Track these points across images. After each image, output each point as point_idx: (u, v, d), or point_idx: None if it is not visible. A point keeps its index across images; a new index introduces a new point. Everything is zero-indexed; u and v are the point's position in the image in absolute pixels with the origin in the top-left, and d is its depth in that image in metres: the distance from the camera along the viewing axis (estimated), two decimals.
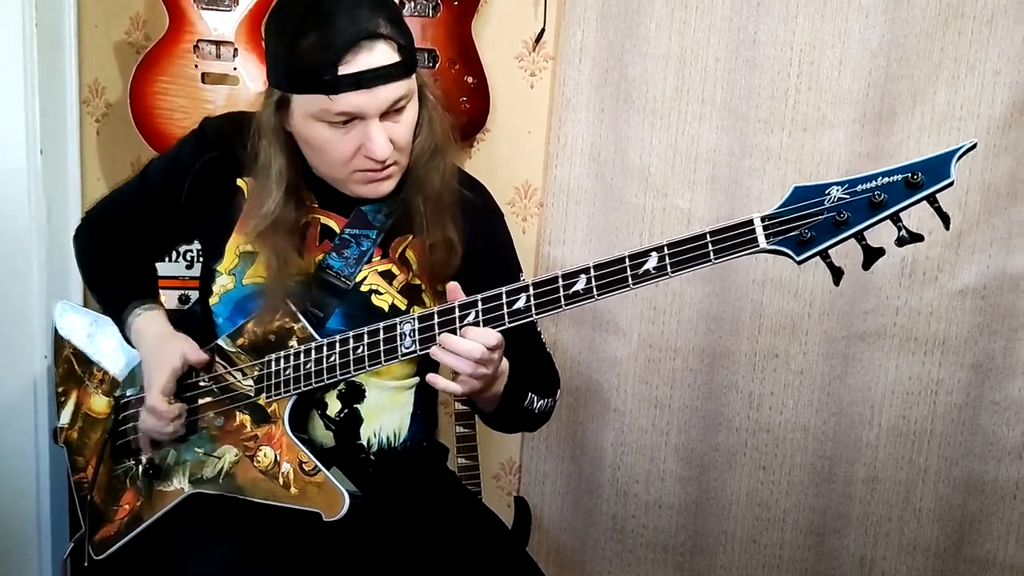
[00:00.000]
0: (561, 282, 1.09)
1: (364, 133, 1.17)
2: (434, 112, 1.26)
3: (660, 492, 2.18)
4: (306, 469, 1.23)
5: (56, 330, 1.51)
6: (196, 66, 1.88)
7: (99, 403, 1.42)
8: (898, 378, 2.09)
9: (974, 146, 0.99)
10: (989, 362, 2.06)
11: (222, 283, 1.31)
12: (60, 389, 1.48)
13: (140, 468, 1.33)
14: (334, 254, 1.28)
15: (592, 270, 1.09)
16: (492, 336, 1.11)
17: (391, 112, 1.18)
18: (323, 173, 1.26)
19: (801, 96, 2.00)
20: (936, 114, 1.98)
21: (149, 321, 1.36)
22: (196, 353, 1.30)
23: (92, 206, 1.51)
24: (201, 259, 1.41)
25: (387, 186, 1.24)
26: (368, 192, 1.25)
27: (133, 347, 1.37)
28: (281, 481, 1.24)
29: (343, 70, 1.12)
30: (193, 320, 1.41)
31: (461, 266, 1.27)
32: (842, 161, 2.00)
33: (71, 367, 1.46)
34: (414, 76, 1.21)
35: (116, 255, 1.43)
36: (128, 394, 1.40)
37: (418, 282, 1.30)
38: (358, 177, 1.22)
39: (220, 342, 1.31)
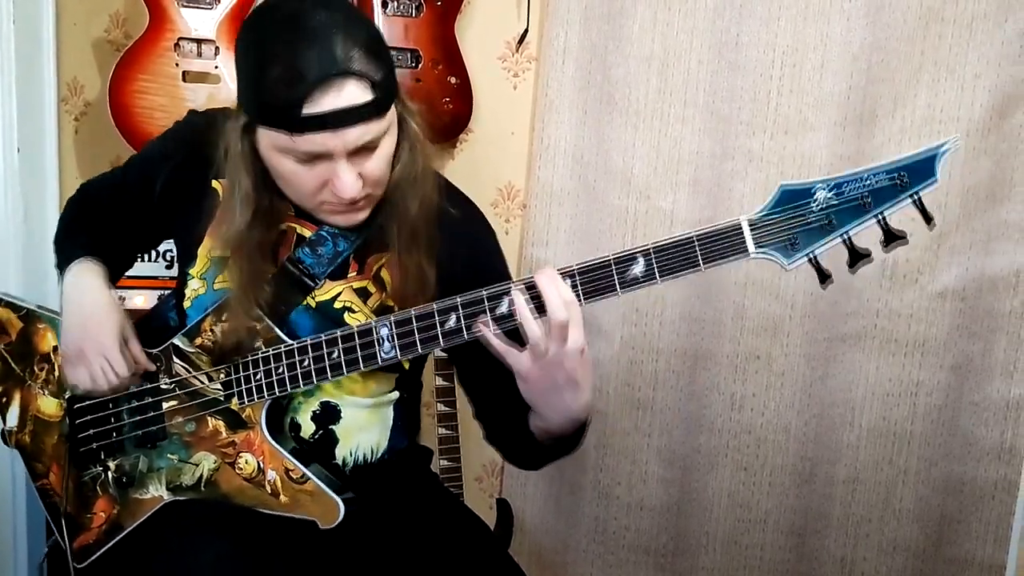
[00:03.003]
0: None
1: (331, 170, 1.10)
2: (416, 141, 1.18)
3: (642, 494, 2.18)
4: (294, 477, 1.20)
5: None
6: (177, 64, 1.87)
7: (49, 405, 1.34)
8: (878, 380, 2.10)
9: (958, 145, 1.01)
10: (968, 363, 2.08)
11: (194, 287, 1.27)
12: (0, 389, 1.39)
13: (110, 475, 1.30)
14: (307, 249, 1.23)
15: (577, 275, 1.06)
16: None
17: (362, 149, 1.10)
18: (292, 199, 1.21)
19: (783, 99, 2.01)
20: (916, 117, 1.99)
21: (90, 272, 1.29)
22: (136, 346, 1.27)
23: (93, 177, 1.45)
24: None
25: (358, 217, 1.19)
26: (339, 221, 1.20)
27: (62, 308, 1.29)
28: (269, 489, 1.21)
29: (308, 110, 1.04)
30: (158, 321, 1.36)
31: (437, 293, 1.20)
32: (824, 163, 2.01)
33: (7, 364, 1.38)
34: (392, 108, 1.13)
35: (93, 226, 1.38)
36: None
37: (392, 303, 1.25)
38: (327, 208, 1.17)
39: (176, 341, 1.26)
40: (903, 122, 2.00)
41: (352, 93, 1.06)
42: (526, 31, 2.09)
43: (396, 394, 1.33)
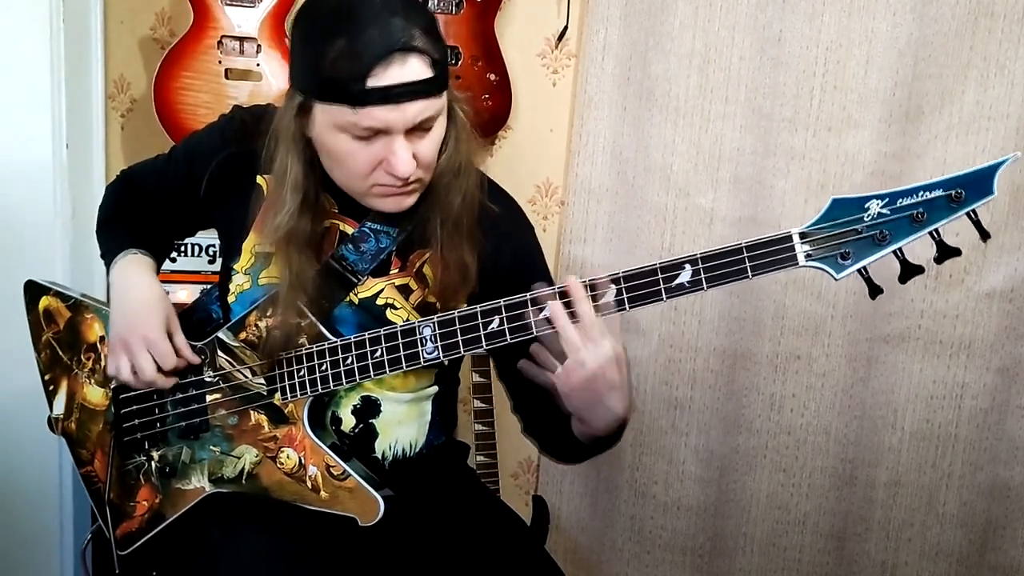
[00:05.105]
0: (590, 292, 1.07)
1: (388, 148, 1.12)
2: (463, 130, 1.20)
3: (679, 493, 2.17)
4: (335, 473, 1.21)
5: (30, 312, 1.42)
6: (220, 62, 1.90)
7: (95, 394, 1.37)
8: (922, 381, 2.06)
9: (1016, 159, 0.99)
10: (1016, 366, 2.03)
11: (239, 282, 1.29)
12: (47, 377, 1.41)
13: (153, 465, 1.32)
14: (350, 246, 1.25)
15: (622, 280, 1.06)
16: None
17: (418, 128, 1.12)
18: (341, 184, 1.21)
19: (827, 95, 1.98)
20: (964, 114, 1.95)
21: (138, 264, 1.32)
22: (180, 338, 1.28)
23: (135, 163, 1.47)
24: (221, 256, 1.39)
25: (408, 201, 1.20)
26: (387, 206, 1.20)
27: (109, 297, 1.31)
28: (309, 484, 1.23)
29: (372, 83, 1.06)
30: (201, 313, 1.38)
31: (477, 287, 1.23)
32: (868, 161, 1.98)
33: (55, 353, 1.40)
34: (445, 93, 1.15)
35: (134, 215, 1.40)
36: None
37: (433, 300, 1.26)
38: (378, 191, 1.18)
39: (221, 335, 1.28)
40: (950, 119, 1.96)
41: (415, 68, 1.08)
42: (566, 28, 2.09)
43: (435, 388, 1.33)
